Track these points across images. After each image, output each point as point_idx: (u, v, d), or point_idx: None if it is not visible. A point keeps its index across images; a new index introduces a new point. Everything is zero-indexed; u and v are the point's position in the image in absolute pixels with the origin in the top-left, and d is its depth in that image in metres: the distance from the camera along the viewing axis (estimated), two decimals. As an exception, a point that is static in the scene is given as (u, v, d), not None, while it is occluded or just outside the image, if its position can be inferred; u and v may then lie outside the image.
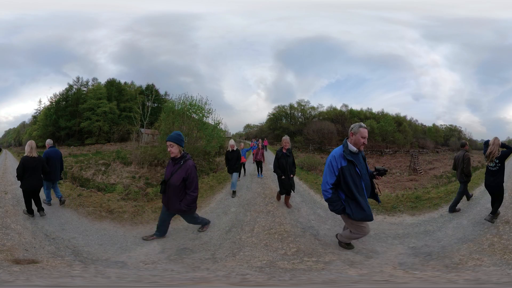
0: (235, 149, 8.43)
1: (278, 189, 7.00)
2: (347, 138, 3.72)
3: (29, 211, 5.41)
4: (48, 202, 6.31)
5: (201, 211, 6.62)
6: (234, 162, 8.31)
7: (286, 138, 6.58)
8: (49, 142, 6.64)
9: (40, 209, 5.58)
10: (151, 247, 4.65)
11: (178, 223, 5.89)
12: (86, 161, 14.52)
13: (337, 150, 3.69)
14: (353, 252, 4.24)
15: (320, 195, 8.03)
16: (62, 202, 6.38)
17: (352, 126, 3.70)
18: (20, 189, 5.34)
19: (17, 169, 5.16)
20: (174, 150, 4.29)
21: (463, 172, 6.08)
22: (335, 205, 3.67)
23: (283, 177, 6.32)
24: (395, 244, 4.56)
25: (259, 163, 10.83)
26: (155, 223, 5.87)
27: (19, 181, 5.28)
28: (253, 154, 13.54)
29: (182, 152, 4.40)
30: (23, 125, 24.34)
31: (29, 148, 5.20)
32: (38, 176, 5.32)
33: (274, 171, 6.49)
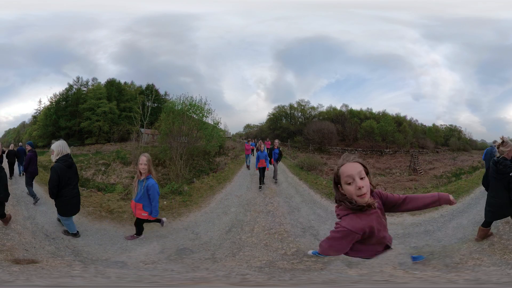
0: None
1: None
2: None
3: (11, 173, 8.73)
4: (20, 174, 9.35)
5: (201, 211, 6.63)
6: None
7: None
8: (21, 144, 10.46)
9: (12, 175, 8.72)
10: (151, 247, 4.65)
11: (178, 223, 5.89)
12: (86, 161, 14.51)
13: None
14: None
15: (320, 195, 8.03)
16: (21, 174, 9.19)
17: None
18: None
19: (6, 154, 8.84)
20: None
21: None
22: None
23: None
24: (395, 244, 4.56)
25: None
26: (155, 223, 5.87)
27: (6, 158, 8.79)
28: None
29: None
30: (23, 125, 24.28)
31: (10, 146, 9.85)
32: (13, 158, 9.13)
33: None
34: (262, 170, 8.69)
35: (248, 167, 12.55)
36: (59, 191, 4.03)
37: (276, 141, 10.14)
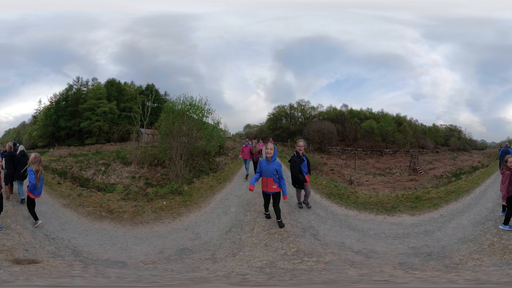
0: None
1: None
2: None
3: None
4: None
5: (201, 211, 6.63)
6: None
7: None
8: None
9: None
10: (151, 247, 4.65)
11: (178, 223, 5.90)
12: (86, 161, 14.51)
13: None
14: (353, 252, 4.24)
15: (320, 195, 8.02)
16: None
17: None
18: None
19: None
20: None
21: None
22: None
23: None
24: (395, 244, 4.56)
25: None
26: (155, 223, 5.89)
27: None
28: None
29: None
30: (23, 125, 24.31)
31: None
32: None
33: None
34: (271, 198, 5.17)
35: (247, 176, 9.90)
36: (16, 166, 6.72)
37: (302, 143, 6.10)
